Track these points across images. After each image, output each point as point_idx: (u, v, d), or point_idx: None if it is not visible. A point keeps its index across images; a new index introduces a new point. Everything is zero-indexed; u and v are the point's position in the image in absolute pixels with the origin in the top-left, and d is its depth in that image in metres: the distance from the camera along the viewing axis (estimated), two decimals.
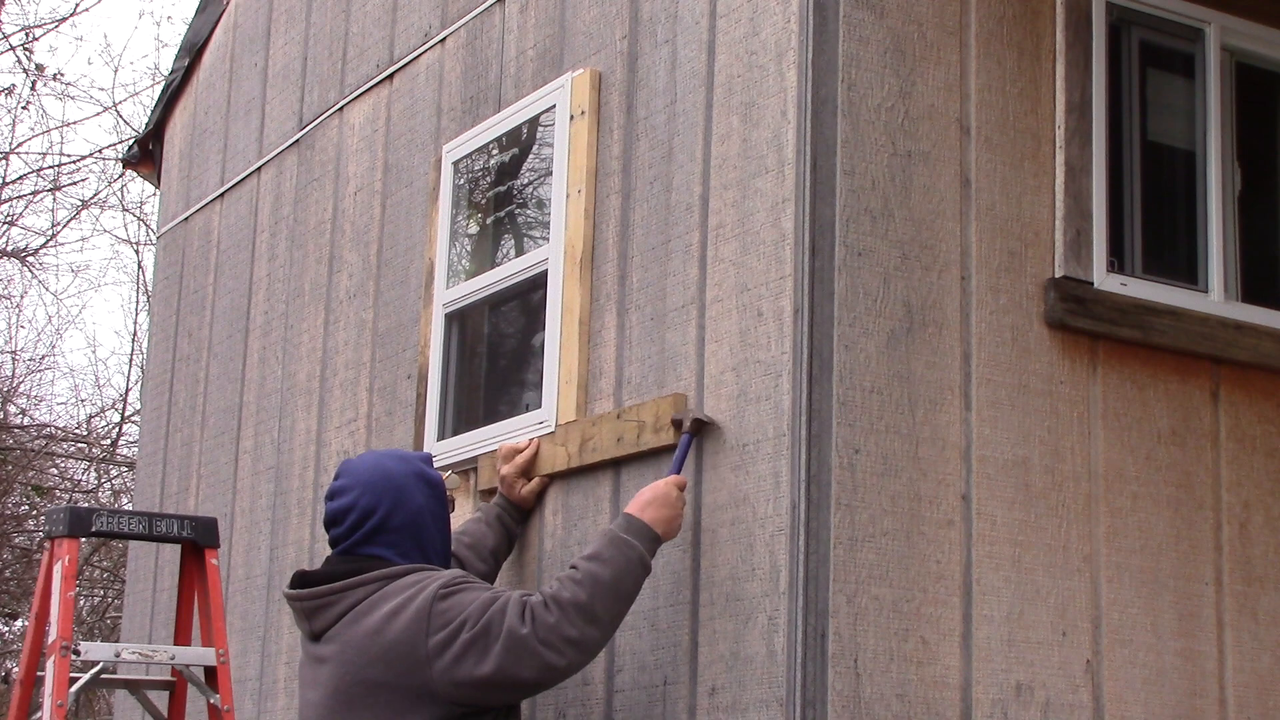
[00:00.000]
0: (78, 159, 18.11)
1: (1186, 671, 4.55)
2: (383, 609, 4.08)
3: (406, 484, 4.26)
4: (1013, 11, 4.61)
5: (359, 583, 4.14)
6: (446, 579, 4.09)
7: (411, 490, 4.25)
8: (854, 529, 4.13)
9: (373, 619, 4.08)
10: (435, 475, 4.34)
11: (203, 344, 7.47)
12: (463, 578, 4.12)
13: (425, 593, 4.05)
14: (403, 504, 4.24)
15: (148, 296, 16.71)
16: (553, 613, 4.04)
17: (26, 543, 15.65)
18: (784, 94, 4.35)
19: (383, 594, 4.10)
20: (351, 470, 4.31)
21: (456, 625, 4.01)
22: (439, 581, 4.08)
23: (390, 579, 4.13)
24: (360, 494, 4.24)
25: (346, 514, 4.24)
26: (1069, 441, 4.49)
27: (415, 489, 4.26)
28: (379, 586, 4.12)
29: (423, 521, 4.25)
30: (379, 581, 4.13)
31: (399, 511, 4.23)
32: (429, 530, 4.26)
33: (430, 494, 4.29)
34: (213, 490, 7.11)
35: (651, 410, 4.57)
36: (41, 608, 5.56)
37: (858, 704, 4.06)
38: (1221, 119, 4.92)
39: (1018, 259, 4.50)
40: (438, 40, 6.03)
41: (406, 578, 4.13)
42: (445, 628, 4.01)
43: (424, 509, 4.25)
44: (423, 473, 4.30)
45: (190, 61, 8.06)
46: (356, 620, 4.11)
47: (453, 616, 4.02)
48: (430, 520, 4.27)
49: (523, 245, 5.46)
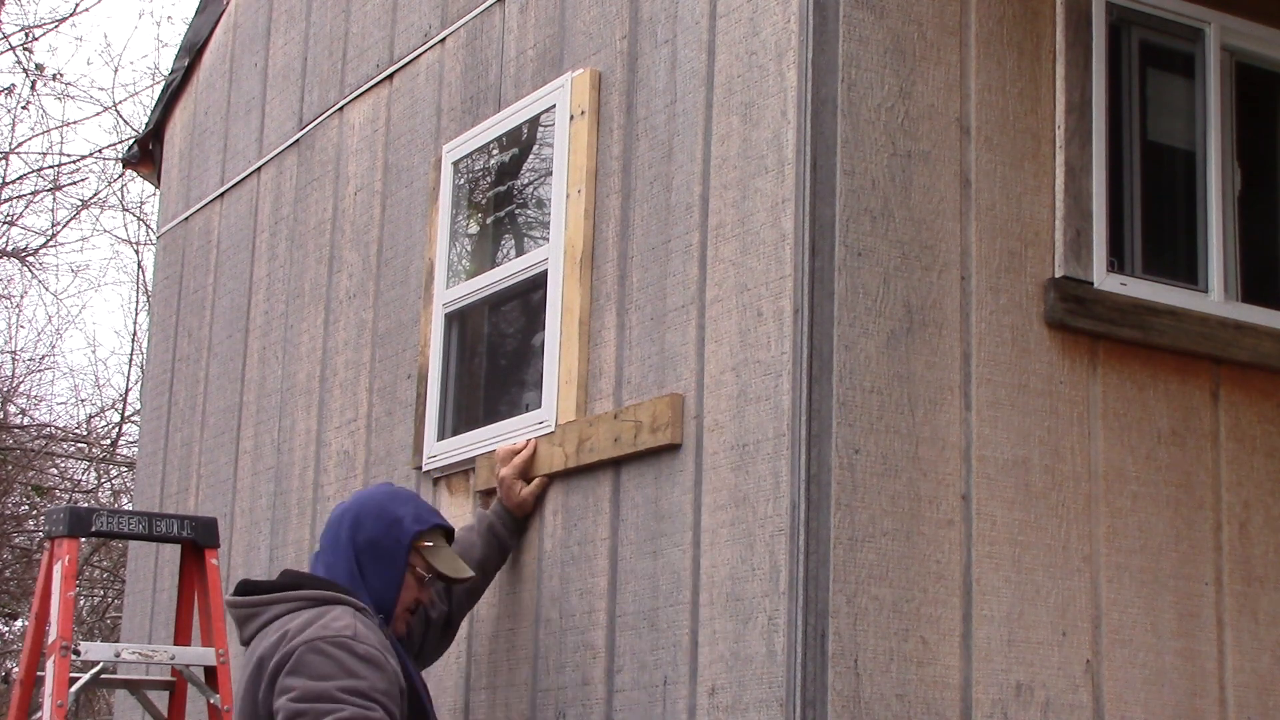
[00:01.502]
0: (78, 159, 18.12)
1: (1186, 671, 4.55)
2: (287, 629, 4.16)
3: (375, 515, 4.40)
4: (1013, 11, 4.61)
5: (282, 599, 4.26)
6: (331, 634, 4.09)
7: (373, 522, 4.38)
8: (854, 529, 4.13)
9: (276, 635, 4.17)
10: (410, 530, 4.40)
11: (203, 344, 7.47)
12: (342, 643, 4.08)
13: (308, 633, 4.10)
14: (358, 530, 4.39)
15: (148, 296, 16.72)
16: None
17: (26, 543, 15.65)
18: (784, 94, 4.35)
19: (295, 615, 4.20)
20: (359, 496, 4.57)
21: (296, 684, 4.04)
22: (324, 632, 4.10)
23: (311, 603, 4.24)
24: (338, 515, 4.47)
25: (326, 531, 4.48)
26: (1069, 441, 4.49)
27: (379, 525, 4.38)
28: (298, 607, 4.23)
29: (369, 557, 4.36)
30: (300, 602, 4.24)
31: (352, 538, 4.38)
32: (374, 568, 4.36)
33: (392, 540, 4.38)
34: (213, 490, 7.11)
35: (649, 410, 4.57)
36: (41, 608, 5.56)
37: (858, 704, 4.06)
38: (1221, 119, 4.92)
39: (1018, 259, 4.50)
40: (438, 40, 6.03)
41: (320, 609, 4.20)
42: (291, 676, 4.05)
43: (375, 544, 4.37)
44: (400, 519, 4.40)
45: (190, 61, 8.05)
46: (270, 633, 4.21)
47: (299, 670, 4.05)
48: (383, 562, 4.36)
49: (523, 245, 5.46)
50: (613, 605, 4.64)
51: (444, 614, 4.84)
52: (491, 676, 5.10)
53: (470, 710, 5.18)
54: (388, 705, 4.05)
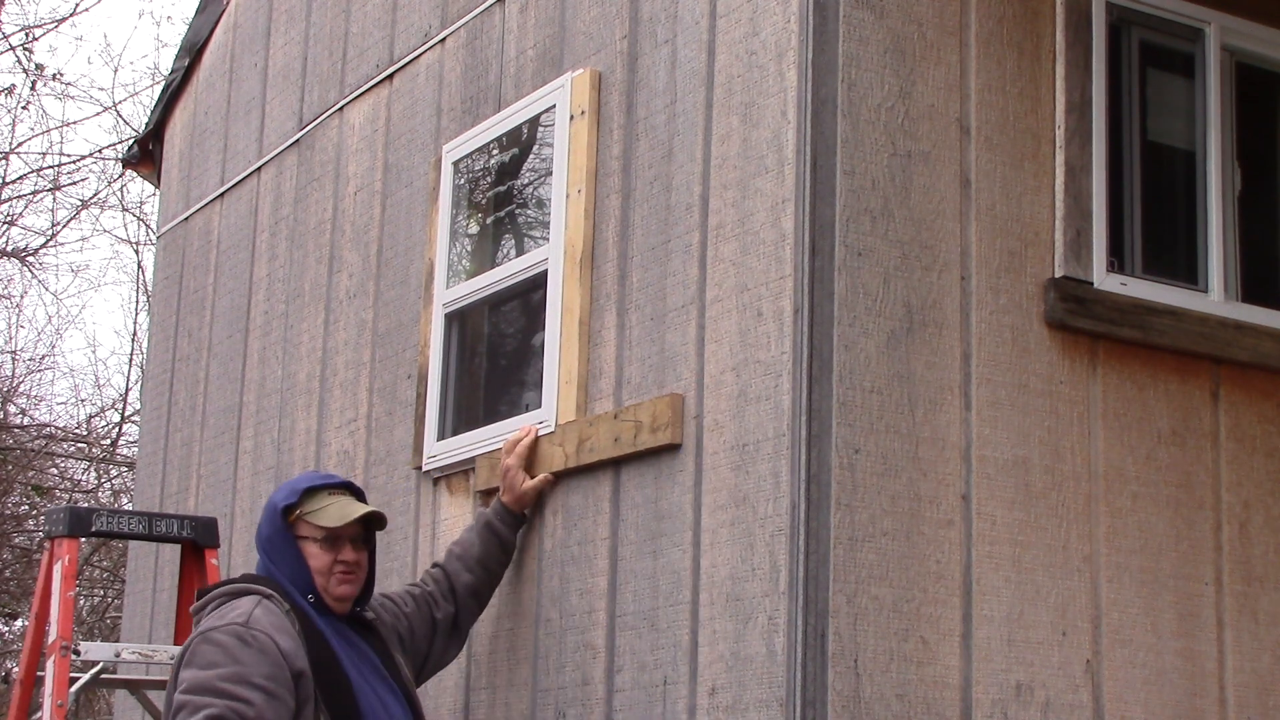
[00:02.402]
0: (78, 159, 18.11)
1: (1186, 671, 4.55)
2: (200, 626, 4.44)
3: (264, 513, 4.62)
4: (1013, 11, 4.61)
5: (209, 600, 4.52)
6: (225, 624, 4.30)
7: (264, 519, 4.61)
8: (854, 529, 4.13)
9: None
10: (281, 504, 4.57)
11: (203, 344, 7.47)
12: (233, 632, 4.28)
13: (206, 625, 4.37)
14: (259, 530, 4.63)
15: (148, 296, 16.72)
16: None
17: (26, 543, 15.65)
18: (784, 94, 4.35)
19: (211, 612, 4.46)
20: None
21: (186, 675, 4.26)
22: (219, 623, 4.32)
23: (228, 597, 4.47)
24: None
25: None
26: (1069, 441, 4.49)
27: (266, 518, 4.60)
28: (220, 603, 4.47)
29: (269, 548, 4.57)
30: (219, 599, 4.49)
31: (257, 538, 4.64)
32: (278, 555, 4.55)
33: (277, 522, 4.57)
34: (213, 490, 7.11)
35: (649, 410, 4.57)
36: (41, 608, 5.56)
37: (858, 704, 4.06)
38: (1221, 119, 4.92)
39: (1018, 259, 4.50)
40: (438, 40, 6.03)
41: (232, 600, 4.44)
42: (187, 668, 4.28)
43: (268, 536, 4.58)
44: (274, 503, 4.60)
45: (190, 61, 8.05)
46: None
47: (192, 661, 4.27)
48: (279, 546, 4.55)
49: (523, 245, 5.46)
50: (613, 605, 4.64)
51: (450, 615, 4.83)
52: (491, 676, 5.10)
53: (470, 710, 5.18)
54: (271, 689, 4.22)
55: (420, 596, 4.83)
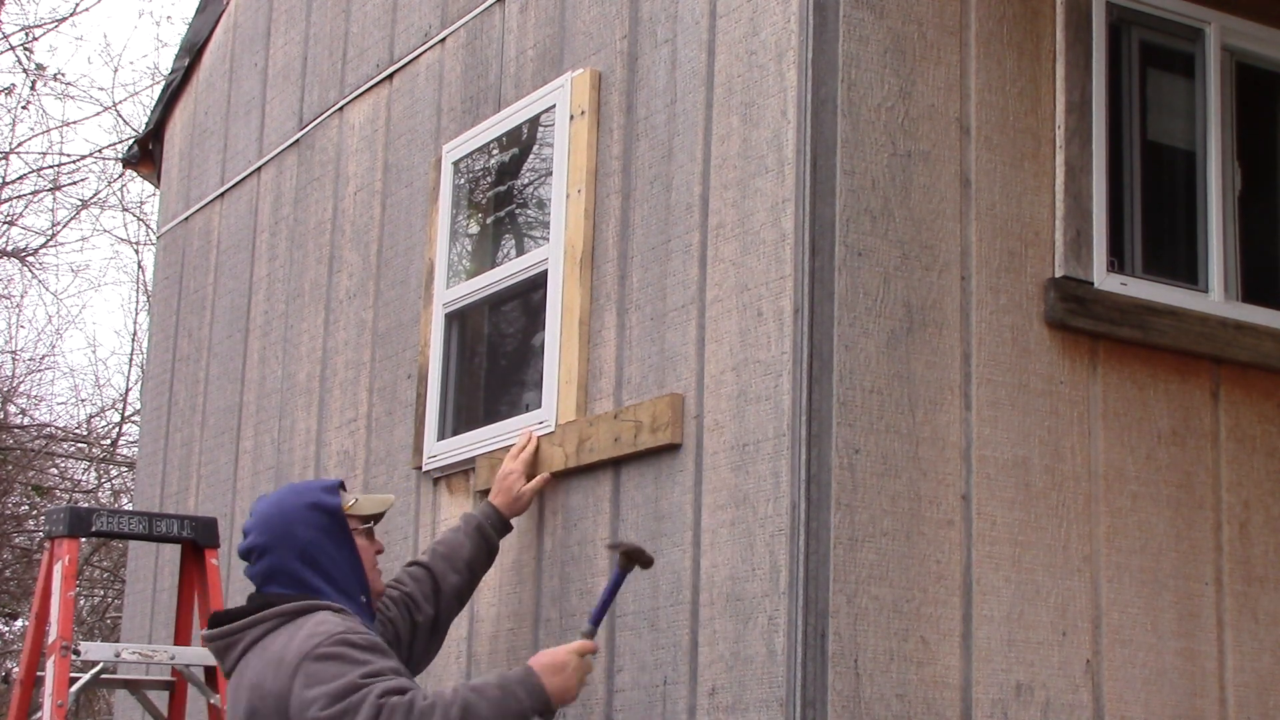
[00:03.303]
0: (78, 159, 18.11)
1: (1186, 671, 4.55)
2: (271, 651, 4.10)
3: (296, 518, 4.27)
4: (1013, 11, 4.61)
5: (254, 621, 4.18)
6: (327, 637, 4.04)
7: (301, 524, 4.26)
8: (854, 529, 4.13)
9: (264, 660, 4.10)
10: (331, 502, 4.30)
11: (203, 344, 7.47)
12: (344, 638, 4.04)
13: (303, 646, 4.04)
14: (293, 539, 4.25)
15: (148, 296, 16.72)
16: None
17: (26, 543, 15.65)
18: (784, 94, 4.35)
19: (275, 635, 4.14)
20: (255, 510, 4.37)
21: (320, 694, 3.97)
22: (320, 638, 4.04)
23: (287, 617, 4.16)
24: (258, 534, 4.29)
25: (249, 554, 4.32)
26: (1069, 441, 4.49)
27: (305, 521, 4.27)
28: (275, 625, 4.16)
29: (318, 553, 4.26)
30: (275, 619, 4.16)
31: (291, 548, 4.25)
32: (329, 559, 4.27)
33: (325, 523, 4.28)
34: (213, 490, 7.11)
35: (649, 410, 4.57)
36: (41, 608, 5.56)
37: (858, 704, 4.06)
38: (1221, 119, 4.92)
39: (1018, 259, 4.50)
40: (438, 40, 6.03)
41: (303, 619, 4.13)
42: (310, 688, 3.99)
43: (315, 540, 4.26)
44: (316, 502, 4.30)
45: (190, 61, 8.06)
46: (253, 659, 4.15)
47: (318, 682, 3.99)
48: (330, 548, 4.27)
49: (523, 245, 5.46)
50: (612, 605, 4.64)
51: (430, 617, 4.74)
52: None
53: None
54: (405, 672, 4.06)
55: (399, 599, 4.70)
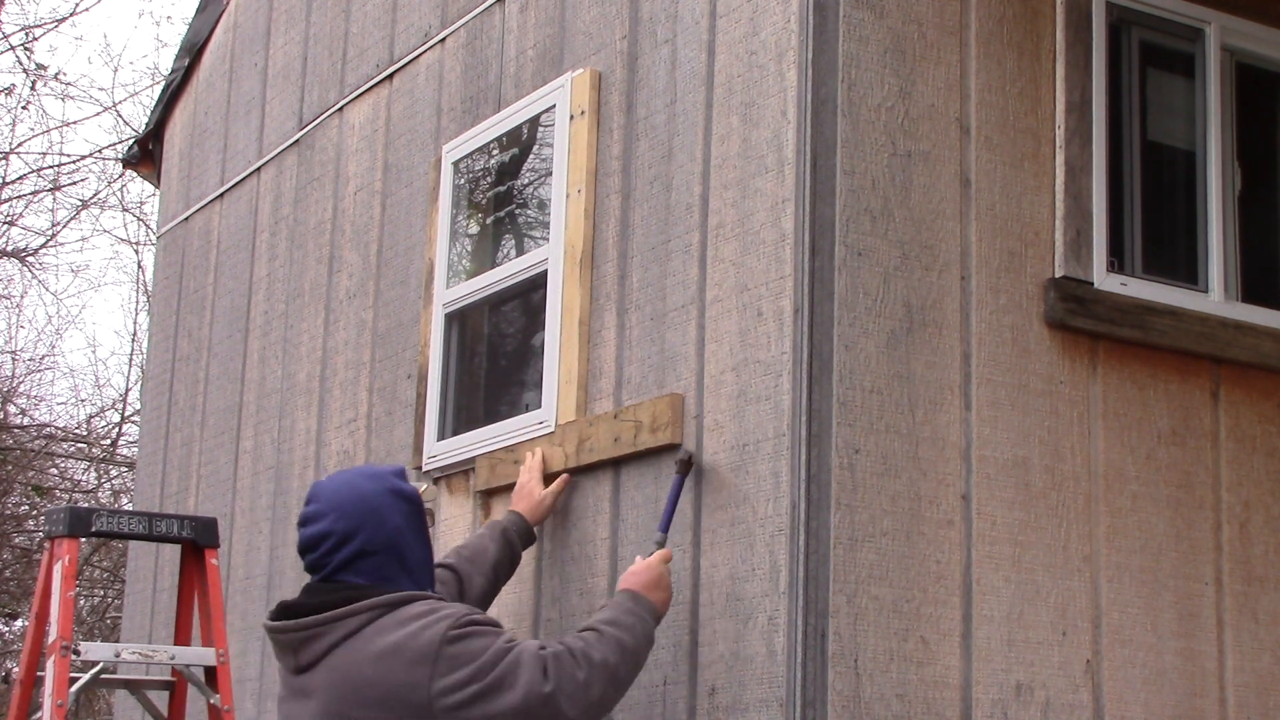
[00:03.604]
0: (78, 159, 18.10)
1: (1186, 671, 4.55)
2: (380, 643, 3.86)
3: (382, 504, 4.03)
4: (1013, 11, 4.61)
5: (350, 613, 3.91)
6: (454, 619, 3.86)
7: (388, 510, 4.03)
8: (854, 529, 4.13)
9: (368, 653, 3.86)
10: (410, 489, 4.11)
11: (203, 344, 7.47)
12: (469, 618, 3.88)
13: (432, 633, 3.83)
14: (381, 526, 4.01)
15: (148, 296, 16.72)
16: (581, 669, 3.91)
17: (26, 543, 15.65)
18: (784, 94, 4.35)
19: (378, 626, 3.88)
20: (324, 494, 4.08)
21: (467, 674, 3.80)
22: (447, 622, 3.85)
23: (386, 608, 3.90)
24: (335, 519, 4.00)
25: (322, 540, 4.01)
26: (1069, 441, 4.49)
27: (391, 508, 4.03)
28: (373, 616, 3.89)
29: (402, 541, 4.02)
30: (373, 611, 3.90)
31: (378, 534, 4.00)
32: (410, 549, 4.04)
33: (407, 510, 4.06)
34: (213, 490, 7.11)
35: (649, 410, 4.57)
36: (41, 608, 5.56)
37: (858, 704, 4.06)
38: (1221, 119, 4.92)
39: (1018, 259, 4.50)
40: (438, 40, 6.03)
41: (405, 609, 3.90)
42: (453, 673, 3.80)
43: (402, 528, 4.03)
44: (397, 489, 4.07)
45: (190, 61, 8.06)
46: (349, 653, 3.88)
47: (463, 663, 3.81)
48: (411, 538, 4.05)
49: (523, 245, 5.46)
50: None
51: None
52: None
53: None
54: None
55: None
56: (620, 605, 4.12)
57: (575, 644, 3.96)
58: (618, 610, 4.10)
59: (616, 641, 4.00)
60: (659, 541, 4.35)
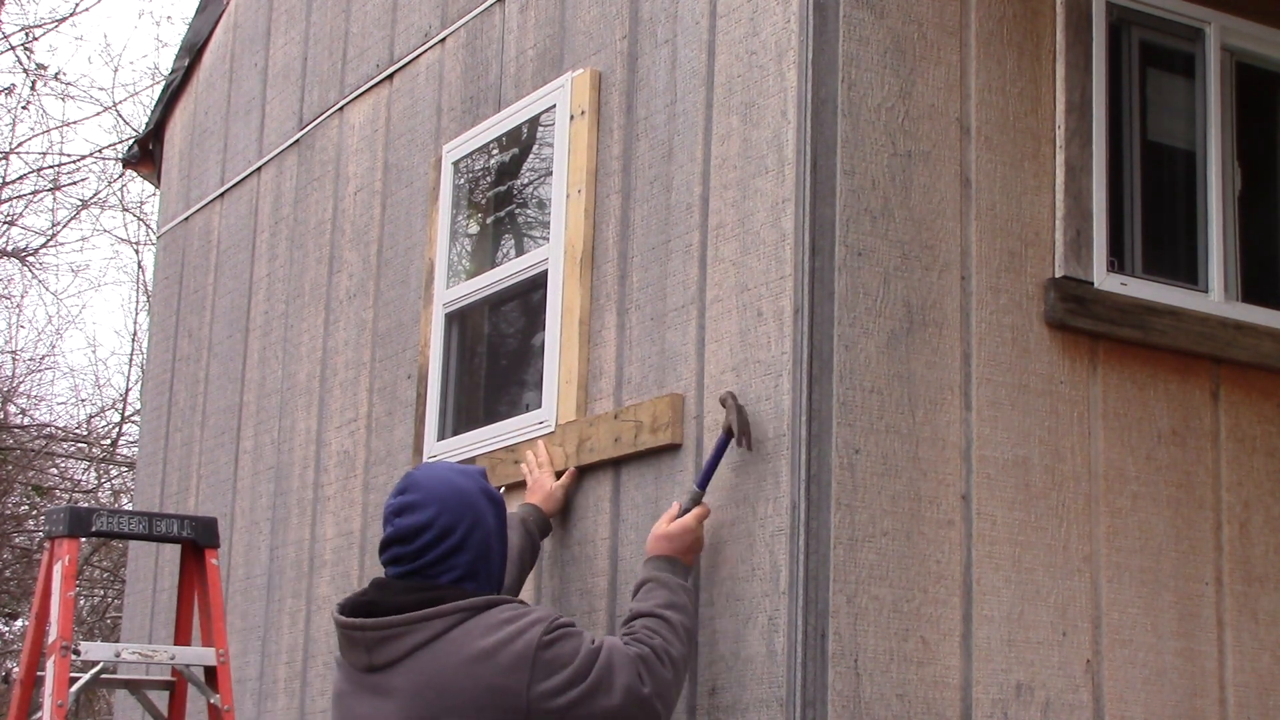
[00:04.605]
0: (78, 159, 18.11)
1: (1186, 671, 4.55)
2: (471, 648, 3.79)
3: (478, 503, 3.95)
4: (1013, 11, 4.61)
5: (438, 614, 3.81)
6: (546, 623, 3.83)
7: (484, 509, 3.96)
8: (854, 529, 4.13)
9: (459, 657, 3.78)
10: (498, 494, 4.06)
11: (203, 344, 7.47)
12: (558, 620, 3.86)
13: (527, 637, 3.79)
14: (479, 524, 3.93)
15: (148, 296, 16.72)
16: (668, 669, 3.94)
17: (26, 543, 15.66)
18: (784, 94, 4.35)
19: (465, 630, 3.80)
20: (423, 485, 3.96)
21: (566, 678, 3.79)
22: (540, 627, 3.81)
23: (472, 611, 3.82)
24: (438, 511, 3.90)
25: (421, 532, 3.89)
26: (1069, 441, 4.49)
27: (486, 508, 3.96)
28: (460, 619, 3.81)
29: (492, 544, 3.96)
30: (460, 614, 3.82)
31: (476, 532, 3.92)
32: (496, 552, 3.98)
33: (496, 513, 4.00)
34: (213, 490, 7.11)
35: (649, 410, 4.57)
36: (41, 608, 5.56)
37: (858, 704, 4.06)
38: (1221, 119, 4.92)
39: (1018, 259, 4.50)
40: (438, 40, 6.03)
41: (492, 613, 3.83)
42: (551, 677, 3.78)
43: (494, 530, 3.97)
44: (488, 490, 4.01)
45: (190, 61, 8.06)
46: (436, 656, 3.80)
47: (559, 666, 3.79)
48: (497, 543, 3.99)
49: (523, 245, 5.46)
50: (613, 605, 4.64)
51: None
52: None
53: None
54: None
55: None
56: (670, 581, 4.13)
57: (656, 642, 3.98)
58: (671, 588, 4.11)
59: (685, 630, 4.07)
60: (695, 496, 4.26)
